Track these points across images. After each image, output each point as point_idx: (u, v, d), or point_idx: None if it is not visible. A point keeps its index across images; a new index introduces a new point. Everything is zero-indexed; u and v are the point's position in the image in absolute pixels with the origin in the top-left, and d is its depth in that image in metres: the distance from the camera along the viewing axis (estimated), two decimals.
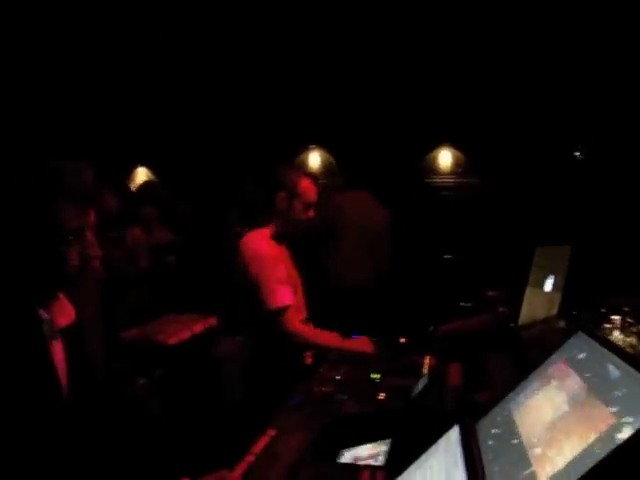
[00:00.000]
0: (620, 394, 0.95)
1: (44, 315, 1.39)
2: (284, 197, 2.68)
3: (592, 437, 0.90)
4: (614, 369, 1.02)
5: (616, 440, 0.84)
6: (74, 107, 7.32)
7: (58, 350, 1.43)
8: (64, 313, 1.46)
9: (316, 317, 2.90)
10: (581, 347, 1.20)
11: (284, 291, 2.61)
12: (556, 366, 1.23)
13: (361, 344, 2.68)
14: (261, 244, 2.71)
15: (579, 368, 1.14)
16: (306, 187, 2.70)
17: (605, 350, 1.11)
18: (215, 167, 7.92)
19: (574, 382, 1.11)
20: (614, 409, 0.92)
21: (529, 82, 7.27)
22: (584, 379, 1.09)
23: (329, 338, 2.70)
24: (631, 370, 0.97)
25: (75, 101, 7.32)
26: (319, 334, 2.71)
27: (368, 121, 7.91)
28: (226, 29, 7.09)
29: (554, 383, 1.18)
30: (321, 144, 8.89)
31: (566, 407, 1.06)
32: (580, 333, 1.26)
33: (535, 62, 7.07)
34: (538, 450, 1.01)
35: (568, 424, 1.00)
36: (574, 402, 1.05)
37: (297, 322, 2.67)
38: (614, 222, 6.35)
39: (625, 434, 0.84)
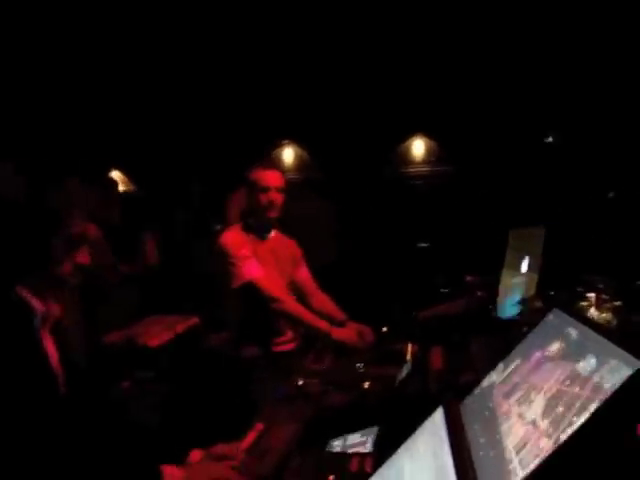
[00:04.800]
0: (592, 362, 0.99)
1: (36, 305, 1.41)
2: (244, 191, 2.77)
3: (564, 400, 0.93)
4: (588, 341, 1.06)
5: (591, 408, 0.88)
6: (43, 112, 7.23)
7: (49, 342, 1.44)
8: (52, 308, 1.48)
9: None
10: (557, 324, 1.23)
11: (251, 265, 2.66)
12: (534, 342, 1.27)
13: (348, 334, 2.67)
14: (226, 235, 2.79)
15: (555, 343, 1.17)
16: (258, 174, 2.77)
17: (580, 324, 1.14)
18: (188, 166, 7.88)
19: (551, 356, 1.14)
20: (590, 376, 0.95)
21: (499, 69, 7.33)
22: (560, 352, 1.12)
23: (314, 318, 2.69)
24: (603, 340, 1.01)
25: (45, 106, 7.22)
26: (303, 309, 2.72)
27: (340, 113, 7.92)
28: (198, 28, 7.05)
29: (533, 359, 1.21)
30: (294, 139, 8.88)
31: (544, 377, 1.09)
32: (556, 310, 1.29)
33: (504, 49, 7.13)
34: (518, 421, 1.04)
35: (546, 391, 1.04)
36: (550, 372, 1.08)
37: (276, 289, 2.69)
38: (586, 203, 6.46)
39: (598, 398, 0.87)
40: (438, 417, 1.18)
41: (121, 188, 7.48)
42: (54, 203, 1.41)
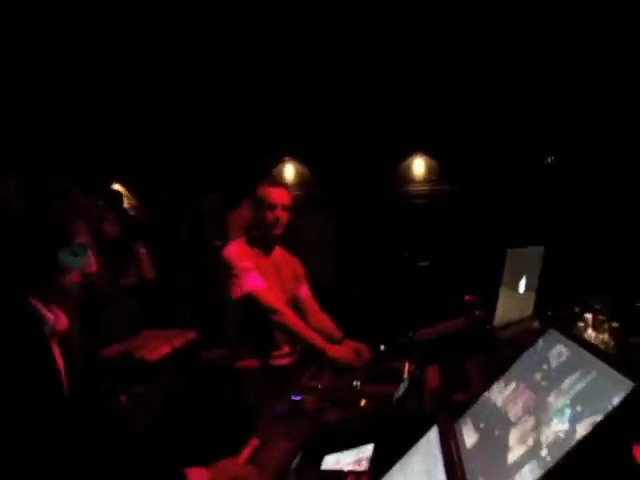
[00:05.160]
0: (587, 383, 0.99)
1: (47, 315, 1.42)
2: (250, 206, 2.79)
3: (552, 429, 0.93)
4: (582, 362, 1.06)
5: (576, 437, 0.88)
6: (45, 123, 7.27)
7: (57, 352, 1.45)
8: (60, 318, 1.49)
9: None
10: (553, 344, 1.24)
11: (253, 277, 2.67)
12: (529, 362, 1.27)
13: (344, 352, 2.66)
14: (230, 247, 2.81)
15: (550, 363, 1.17)
16: (265, 190, 2.78)
17: (575, 345, 1.15)
18: (190, 181, 7.90)
19: (546, 376, 1.15)
20: (585, 397, 0.96)
21: (500, 90, 7.39)
22: (555, 372, 1.13)
23: (311, 334, 2.68)
24: (599, 363, 1.01)
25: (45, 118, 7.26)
26: (302, 324, 2.72)
27: (342, 131, 7.96)
28: (201, 42, 7.11)
29: (527, 379, 1.22)
30: (295, 155, 8.92)
31: (539, 397, 1.09)
32: (552, 331, 1.30)
33: (506, 71, 7.19)
34: (513, 440, 1.05)
35: (540, 411, 1.05)
36: (545, 393, 1.09)
37: (277, 301, 2.70)
38: (584, 224, 6.48)
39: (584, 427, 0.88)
40: (432, 436, 1.18)
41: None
42: (58, 213, 1.42)
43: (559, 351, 1.18)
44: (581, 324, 2.35)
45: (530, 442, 1.00)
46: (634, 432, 0.90)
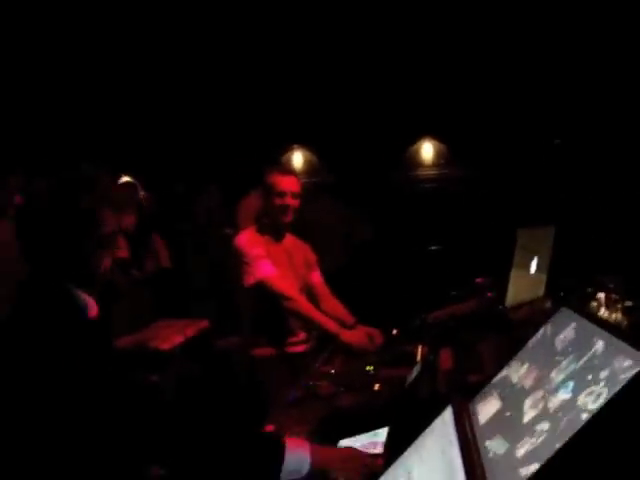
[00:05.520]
0: (601, 359, 0.99)
1: (84, 300, 1.44)
2: (256, 195, 2.80)
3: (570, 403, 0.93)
4: (598, 339, 1.06)
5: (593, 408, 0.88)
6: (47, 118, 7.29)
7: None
8: (92, 305, 1.51)
9: None
10: (566, 322, 1.23)
11: (264, 264, 2.69)
12: (542, 341, 1.27)
13: (357, 337, 2.67)
14: (241, 235, 2.83)
15: (564, 341, 1.17)
16: (274, 178, 2.80)
17: (588, 323, 1.15)
18: (199, 170, 7.90)
19: (559, 354, 1.15)
20: (599, 373, 0.96)
21: (508, 72, 7.32)
22: (568, 350, 1.13)
23: (324, 319, 2.70)
24: (613, 339, 1.01)
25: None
26: (315, 310, 2.74)
27: (349, 117, 7.93)
28: (205, 33, 7.09)
29: (541, 358, 1.21)
30: (303, 143, 8.89)
31: (554, 375, 1.09)
32: (564, 309, 1.29)
33: (513, 52, 7.12)
34: (528, 419, 1.05)
35: (555, 389, 1.05)
36: (559, 370, 1.09)
37: (289, 288, 2.71)
38: (594, 204, 6.44)
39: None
40: (447, 417, 1.18)
41: None
42: (89, 204, 1.44)
43: (573, 328, 1.18)
44: (594, 303, 2.34)
45: (544, 420, 1.01)
46: None
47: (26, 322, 1.35)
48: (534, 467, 0.91)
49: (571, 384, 1.02)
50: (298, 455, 1.40)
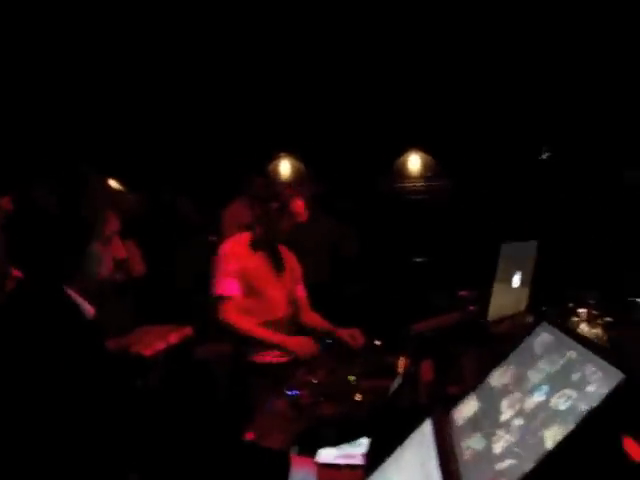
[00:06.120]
0: (579, 375, 1.01)
1: (83, 304, 1.44)
2: (275, 208, 2.80)
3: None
4: (573, 353, 1.08)
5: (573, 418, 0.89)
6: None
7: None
8: (89, 307, 1.51)
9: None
10: (545, 337, 1.25)
11: (228, 282, 2.74)
12: (522, 355, 1.28)
13: (299, 344, 2.72)
14: (226, 244, 2.87)
15: (543, 356, 1.19)
16: (299, 208, 2.88)
17: (567, 338, 1.16)
18: (185, 177, 7.88)
19: (538, 368, 1.16)
20: (577, 388, 0.97)
21: (495, 85, 7.38)
22: (547, 364, 1.14)
23: (266, 333, 2.75)
24: (589, 353, 1.02)
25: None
26: (255, 328, 2.77)
27: (337, 127, 7.95)
28: (194, 40, 7.08)
29: (520, 371, 1.23)
30: (291, 152, 8.90)
31: (532, 389, 1.11)
32: (545, 324, 1.30)
33: (501, 65, 7.18)
34: (506, 432, 1.06)
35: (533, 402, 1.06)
36: (537, 384, 1.11)
37: (234, 314, 2.74)
38: (578, 219, 6.50)
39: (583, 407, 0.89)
40: (426, 429, 1.19)
41: None
42: (89, 210, 1.45)
43: (551, 342, 1.20)
44: (575, 318, 2.37)
45: (523, 432, 1.02)
46: (623, 423, 0.91)
47: (25, 323, 1.35)
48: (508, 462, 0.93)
49: (545, 388, 1.06)
50: (304, 474, 1.41)
